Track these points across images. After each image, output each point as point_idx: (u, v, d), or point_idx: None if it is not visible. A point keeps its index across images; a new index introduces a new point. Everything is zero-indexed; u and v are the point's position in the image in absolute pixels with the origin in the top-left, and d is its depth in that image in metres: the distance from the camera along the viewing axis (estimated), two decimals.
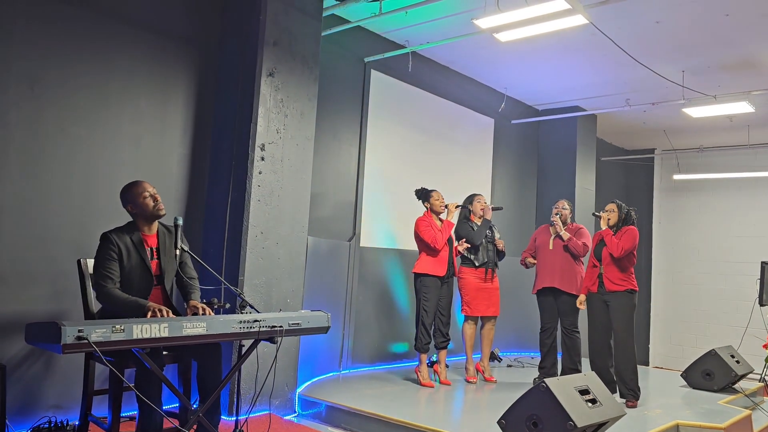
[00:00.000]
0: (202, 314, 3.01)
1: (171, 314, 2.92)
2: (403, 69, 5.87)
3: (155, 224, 3.23)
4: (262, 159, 4.16)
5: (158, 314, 2.85)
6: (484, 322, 5.39)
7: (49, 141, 3.58)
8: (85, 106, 3.74)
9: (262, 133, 4.17)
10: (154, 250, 3.19)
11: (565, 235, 5.11)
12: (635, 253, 4.77)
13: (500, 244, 5.32)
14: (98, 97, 3.79)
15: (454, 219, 5.16)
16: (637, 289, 4.77)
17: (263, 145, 4.16)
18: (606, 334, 4.83)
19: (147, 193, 3.13)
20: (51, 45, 3.58)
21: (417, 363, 5.11)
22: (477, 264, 5.25)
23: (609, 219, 4.80)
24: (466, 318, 5.31)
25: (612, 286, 4.70)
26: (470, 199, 5.40)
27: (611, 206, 4.84)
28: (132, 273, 3.09)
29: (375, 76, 5.75)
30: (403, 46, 5.79)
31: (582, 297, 4.96)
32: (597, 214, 5.00)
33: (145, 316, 2.87)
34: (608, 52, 5.66)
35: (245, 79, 4.22)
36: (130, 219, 3.20)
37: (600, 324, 4.83)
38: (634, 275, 4.76)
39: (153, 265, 3.16)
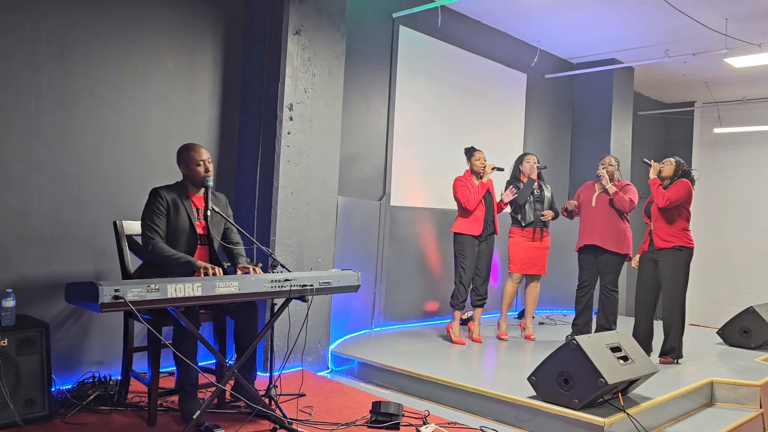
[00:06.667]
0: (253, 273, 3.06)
1: (221, 273, 2.96)
2: (433, 24, 5.74)
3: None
4: (291, 119, 4.15)
5: (209, 272, 2.90)
6: (528, 281, 5.39)
7: (80, 104, 3.62)
8: (114, 69, 3.75)
9: (290, 93, 4.14)
10: (200, 211, 3.25)
11: (611, 189, 5.00)
12: (689, 208, 4.67)
13: (548, 216, 5.25)
14: (126, 60, 3.81)
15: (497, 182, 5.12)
16: (691, 245, 4.65)
17: (291, 105, 4.15)
18: (652, 294, 4.82)
19: (200, 160, 3.21)
20: (78, 8, 3.59)
21: (449, 320, 5.15)
22: (523, 224, 5.24)
23: (662, 170, 4.72)
24: (510, 275, 5.31)
25: (661, 243, 4.65)
26: (520, 158, 5.39)
27: (669, 159, 4.78)
28: (178, 230, 3.15)
29: (403, 32, 5.63)
30: (432, 0, 5.64)
31: (636, 258, 4.95)
32: (646, 160, 4.90)
33: (193, 274, 2.92)
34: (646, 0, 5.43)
35: (272, 38, 4.18)
36: (174, 179, 3.29)
37: (646, 283, 4.81)
38: (689, 231, 4.67)
39: (198, 225, 3.22)
